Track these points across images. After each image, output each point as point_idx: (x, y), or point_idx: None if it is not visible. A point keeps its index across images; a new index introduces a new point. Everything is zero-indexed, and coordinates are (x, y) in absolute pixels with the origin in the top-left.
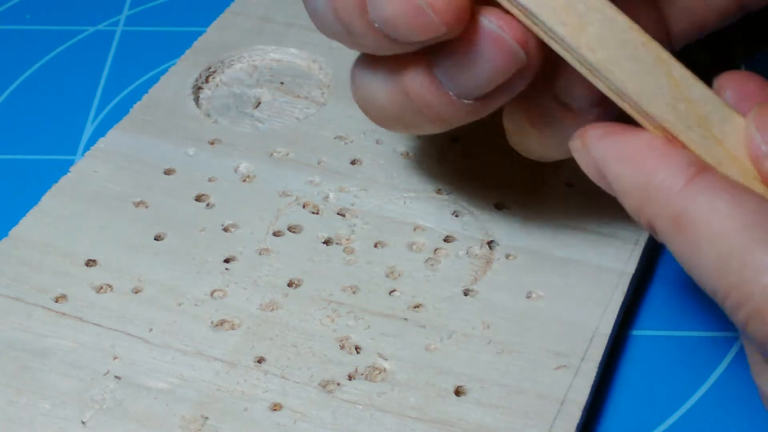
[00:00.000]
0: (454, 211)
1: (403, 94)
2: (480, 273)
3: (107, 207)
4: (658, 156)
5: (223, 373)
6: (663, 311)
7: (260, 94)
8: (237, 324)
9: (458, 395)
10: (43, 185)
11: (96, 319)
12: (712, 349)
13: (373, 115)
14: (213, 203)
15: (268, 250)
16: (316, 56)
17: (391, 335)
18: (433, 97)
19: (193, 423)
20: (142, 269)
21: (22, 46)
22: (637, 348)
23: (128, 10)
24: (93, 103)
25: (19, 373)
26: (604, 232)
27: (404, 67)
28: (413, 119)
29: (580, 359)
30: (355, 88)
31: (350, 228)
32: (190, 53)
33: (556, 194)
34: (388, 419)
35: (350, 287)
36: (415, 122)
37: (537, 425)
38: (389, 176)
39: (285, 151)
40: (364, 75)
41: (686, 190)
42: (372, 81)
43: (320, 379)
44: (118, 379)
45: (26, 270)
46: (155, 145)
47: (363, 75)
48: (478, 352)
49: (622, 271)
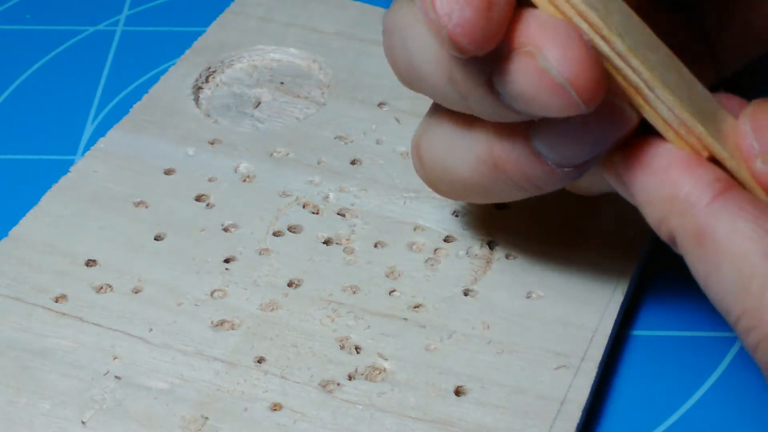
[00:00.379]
0: (454, 211)
1: (491, 164)
2: (480, 273)
3: (107, 207)
4: (684, 168)
5: (223, 373)
6: (663, 311)
7: (260, 94)
8: (237, 324)
9: (458, 395)
10: (43, 185)
11: (96, 319)
12: (712, 349)
13: (445, 185)
14: (213, 203)
15: (268, 250)
16: (316, 56)
17: (391, 335)
18: (530, 168)
19: (193, 423)
20: (142, 269)
21: (22, 46)
22: (637, 348)
23: (128, 10)
24: (93, 103)
25: (19, 373)
26: (604, 232)
27: (500, 137)
28: (498, 190)
29: (580, 359)
30: (428, 158)
31: (350, 228)
32: (190, 53)
33: (556, 194)
34: (388, 419)
35: (350, 287)
36: (500, 193)
37: (537, 425)
38: (389, 176)
39: (285, 151)
40: (442, 145)
41: (711, 206)
42: (454, 151)
43: (320, 379)
44: (118, 379)
45: (26, 270)
46: (155, 145)
47: (441, 145)
48: (478, 352)
49: (622, 271)
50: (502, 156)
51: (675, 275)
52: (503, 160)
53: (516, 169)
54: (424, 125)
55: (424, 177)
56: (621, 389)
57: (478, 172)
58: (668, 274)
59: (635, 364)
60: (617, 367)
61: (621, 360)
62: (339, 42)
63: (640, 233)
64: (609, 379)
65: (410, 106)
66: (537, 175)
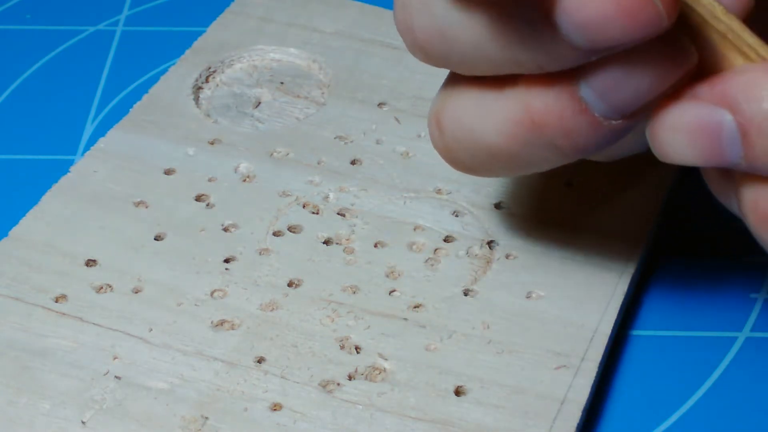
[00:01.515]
0: (454, 211)
1: (527, 124)
2: (480, 273)
3: (107, 207)
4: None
5: (223, 373)
6: (663, 311)
7: (260, 94)
8: (237, 324)
9: (458, 395)
10: (43, 185)
11: (96, 319)
12: (712, 349)
13: (468, 155)
14: (213, 203)
15: (268, 250)
16: (316, 56)
17: (391, 335)
18: (574, 122)
19: (193, 423)
20: (142, 269)
21: (22, 46)
22: (637, 348)
23: (128, 10)
24: (93, 103)
25: (19, 373)
26: (604, 232)
27: (539, 91)
28: (528, 156)
29: (580, 359)
30: (452, 127)
31: (350, 228)
32: (190, 53)
33: (556, 194)
34: (388, 419)
35: (350, 287)
36: (530, 159)
37: (537, 425)
38: (389, 176)
39: (285, 151)
40: (469, 111)
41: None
42: (483, 116)
43: (320, 379)
44: (118, 379)
45: (26, 270)
46: (155, 145)
47: (468, 111)
48: (478, 352)
49: (622, 271)
50: (542, 111)
51: (675, 275)
52: (542, 116)
53: (557, 125)
54: (443, 95)
55: (443, 148)
56: (621, 389)
57: (510, 135)
58: (668, 274)
59: (635, 364)
60: (617, 367)
61: (621, 360)
62: (339, 42)
63: (641, 233)
64: (609, 379)
65: (410, 106)
66: (580, 130)
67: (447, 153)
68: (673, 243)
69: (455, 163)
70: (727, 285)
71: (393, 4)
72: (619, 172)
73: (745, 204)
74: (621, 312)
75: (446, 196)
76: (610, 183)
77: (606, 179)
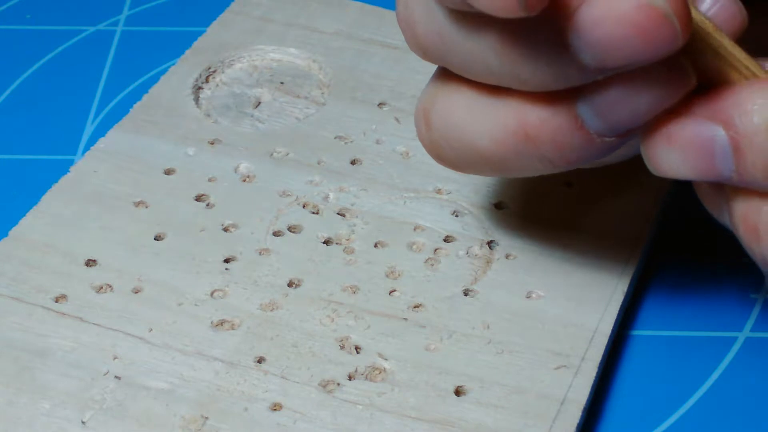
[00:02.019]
0: (454, 211)
1: (521, 135)
2: (480, 273)
3: (107, 207)
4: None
5: (223, 373)
6: (663, 311)
7: (260, 94)
8: (237, 324)
9: (458, 395)
10: (43, 185)
11: (96, 319)
12: (712, 349)
13: (453, 154)
14: (213, 203)
15: (268, 250)
16: (316, 56)
17: (391, 335)
18: (568, 138)
19: (193, 423)
20: (142, 269)
21: (22, 46)
22: (637, 348)
23: (128, 10)
24: (93, 103)
25: (19, 373)
26: (604, 232)
27: (537, 105)
28: (518, 164)
29: (580, 359)
30: (441, 125)
31: (350, 228)
32: (190, 53)
33: (556, 194)
34: (388, 419)
35: (350, 287)
36: (518, 167)
37: (537, 425)
38: (389, 176)
39: (285, 151)
40: (461, 113)
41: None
42: (476, 121)
43: (320, 379)
44: (118, 379)
45: (26, 270)
46: (155, 145)
47: (459, 113)
48: (478, 352)
49: (621, 271)
50: (537, 125)
51: (675, 275)
52: (537, 130)
53: (551, 140)
54: (433, 90)
55: (428, 143)
56: (621, 389)
57: (501, 143)
58: (668, 275)
59: (635, 364)
60: (617, 367)
61: (621, 360)
62: (339, 42)
63: (641, 233)
64: (609, 379)
65: (410, 106)
66: (573, 145)
67: (432, 149)
68: (673, 243)
69: (440, 159)
70: (727, 285)
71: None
72: (619, 172)
73: (735, 217)
74: (621, 312)
75: (446, 196)
76: (611, 183)
77: (606, 180)
